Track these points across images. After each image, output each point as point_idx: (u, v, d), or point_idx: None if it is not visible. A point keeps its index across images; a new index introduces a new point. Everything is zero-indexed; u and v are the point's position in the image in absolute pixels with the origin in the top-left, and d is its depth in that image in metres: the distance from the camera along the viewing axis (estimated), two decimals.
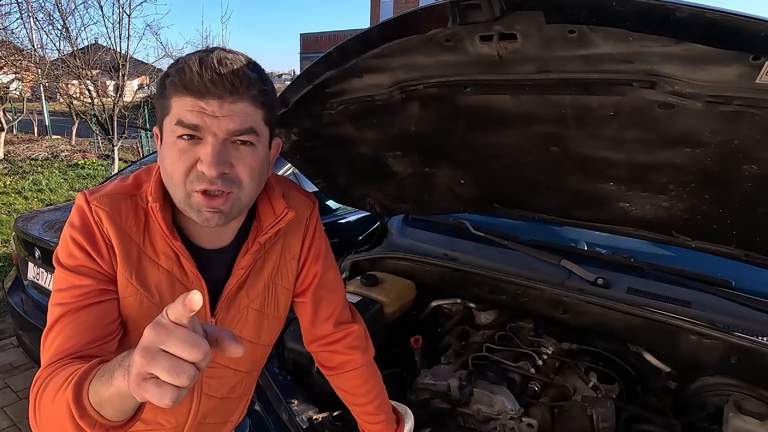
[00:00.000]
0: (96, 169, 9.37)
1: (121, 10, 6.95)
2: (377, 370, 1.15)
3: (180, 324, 0.51)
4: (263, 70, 0.80)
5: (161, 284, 0.83)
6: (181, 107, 0.73)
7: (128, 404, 0.60)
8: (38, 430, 0.70)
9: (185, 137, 0.74)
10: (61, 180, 8.40)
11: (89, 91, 7.35)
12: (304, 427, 1.36)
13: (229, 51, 0.76)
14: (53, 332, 0.76)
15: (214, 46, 0.79)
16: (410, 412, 1.21)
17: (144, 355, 0.50)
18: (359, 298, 1.77)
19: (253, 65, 0.77)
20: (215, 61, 0.72)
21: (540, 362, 1.62)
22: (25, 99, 13.41)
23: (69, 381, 0.65)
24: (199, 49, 0.82)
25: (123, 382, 0.55)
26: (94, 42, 8.09)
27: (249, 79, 0.75)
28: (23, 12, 8.26)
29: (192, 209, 0.77)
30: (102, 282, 0.79)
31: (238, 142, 0.76)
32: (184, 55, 0.79)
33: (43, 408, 0.68)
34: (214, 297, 0.88)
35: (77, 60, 7.20)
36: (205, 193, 0.75)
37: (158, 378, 0.50)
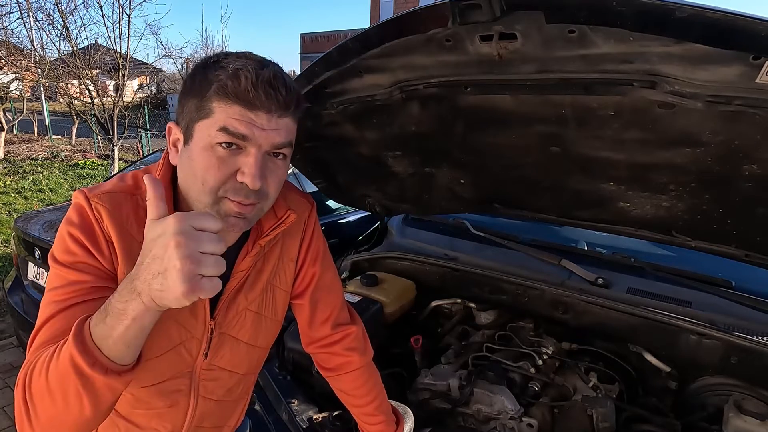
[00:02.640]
0: (96, 169, 9.37)
1: (121, 10, 6.96)
2: (376, 371, 1.15)
3: (201, 228, 0.59)
4: None
5: None
6: (228, 114, 0.72)
7: (144, 333, 0.64)
8: (33, 421, 0.66)
9: (224, 145, 0.73)
10: (61, 180, 8.40)
11: (89, 91, 7.34)
12: (304, 427, 1.36)
13: (274, 63, 0.78)
14: (44, 330, 0.73)
15: (246, 51, 0.78)
16: (410, 412, 1.21)
17: (191, 260, 0.58)
18: (359, 298, 1.77)
19: (294, 81, 0.79)
20: (271, 75, 0.73)
21: (540, 362, 1.62)
22: (25, 99, 13.42)
23: (63, 342, 0.64)
24: (203, 50, 0.82)
25: (141, 306, 0.60)
26: (94, 42, 8.09)
27: (298, 96, 0.78)
28: (23, 12, 8.26)
29: (218, 215, 0.77)
30: (100, 279, 0.77)
31: (273, 154, 0.78)
32: (212, 55, 0.78)
33: (36, 389, 0.65)
34: (214, 299, 0.87)
35: (77, 60, 7.19)
36: (238, 203, 0.76)
37: (207, 276, 0.59)
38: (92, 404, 0.63)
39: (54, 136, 12.83)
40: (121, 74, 7.22)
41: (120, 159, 8.50)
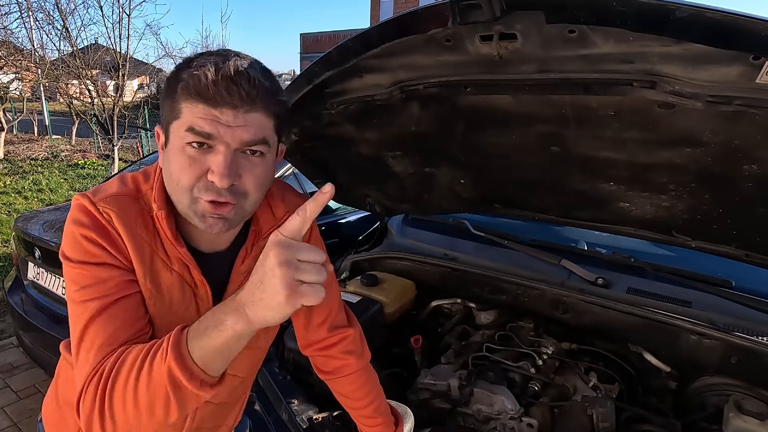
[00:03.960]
0: (96, 169, 9.37)
1: (120, 10, 6.95)
2: (374, 374, 1.14)
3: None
4: (276, 78, 0.80)
5: (173, 287, 0.82)
6: (193, 114, 0.71)
7: (239, 347, 0.65)
8: (107, 423, 0.67)
9: (195, 145, 0.72)
10: (61, 180, 8.40)
11: (89, 91, 7.34)
12: (304, 427, 1.36)
13: (245, 57, 0.75)
14: (95, 326, 0.72)
15: (222, 48, 0.78)
16: (410, 412, 1.21)
17: (288, 267, 0.58)
18: (359, 298, 1.77)
19: (268, 74, 0.77)
20: (231, 70, 0.71)
21: (540, 362, 1.62)
22: (25, 99, 13.40)
23: (154, 350, 0.65)
24: (203, 50, 0.81)
25: (240, 322, 0.61)
26: (94, 42, 8.09)
27: (265, 89, 0.74)
28: (23, 12, 8.25)
29: (197, 215, 0.76)
30: (127, 273, 0.77)
31: (249, 152, 0.76)
32: (192, 55, 0.77)
33: (118, 394, 0.66)
34: (215, 302, 0.87)
35: (77, 60, 7.19)
36: (212, 201, 0.75)
37: (306, 282, 0.59)
38: (179, 413, 0.66)
39: (54, 136, 12.82)
40: (121, 74, 7.22)
41: (120, 159, 8.50)
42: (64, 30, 7.30)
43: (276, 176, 0.95)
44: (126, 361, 0.67)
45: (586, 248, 1.93)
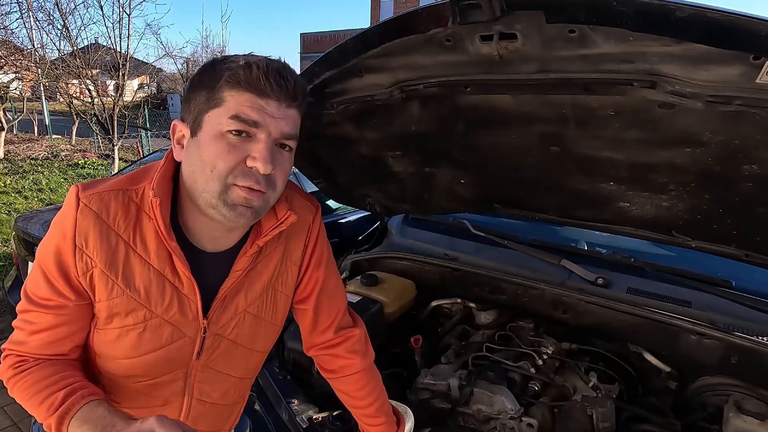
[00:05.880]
0: (96, 168, 9.37)
1: (121, 10, 6.97)
2: (377, 373, 1.14)
3: None
4: None
5: (150, 284, 0.82)
6: (239, 102, 0.75)
7: None
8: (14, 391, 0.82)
9: (235, 132, 0.75)
10: (61, 180, 8.40)
11: (89, 90, 7.35)
12: (304, 427, 1.36)
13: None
14: (24, 324, 0.85)
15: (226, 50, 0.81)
16: (410, 412, 1.21)
17: None
18: (359, 298, 1.77)
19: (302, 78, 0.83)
20: (281, 66, 0.78)
21: (540, 362, 1.62)
22: (25, 99, 13.41)
23: (48, 395, 0.76)
24: (203, 50, 0.84)
25: None
26: (94, 42, 8.11)
27: (303, 89, 0.82)
28: (23, 12, 8.27)
29: (226, 204, 0.78)
30: (70, 310, 0.83)
31: (281, 146, 0.80)
32: (221, 56, 0.81)
33: (18, 391, 0.81)
34: (208, 298, 0.87)
35: (77, 59, 7.21)
36: (248, 188, 0.78)
37: None
38: None
39: (54, 136, 12.83)
40: (121, 74, 7.23)
41: (120, 159, 8.50)
42: (64, 29, 7.32)
43: None
44: (33, 373, 0.80)
45: (586, 248, 1.94)
